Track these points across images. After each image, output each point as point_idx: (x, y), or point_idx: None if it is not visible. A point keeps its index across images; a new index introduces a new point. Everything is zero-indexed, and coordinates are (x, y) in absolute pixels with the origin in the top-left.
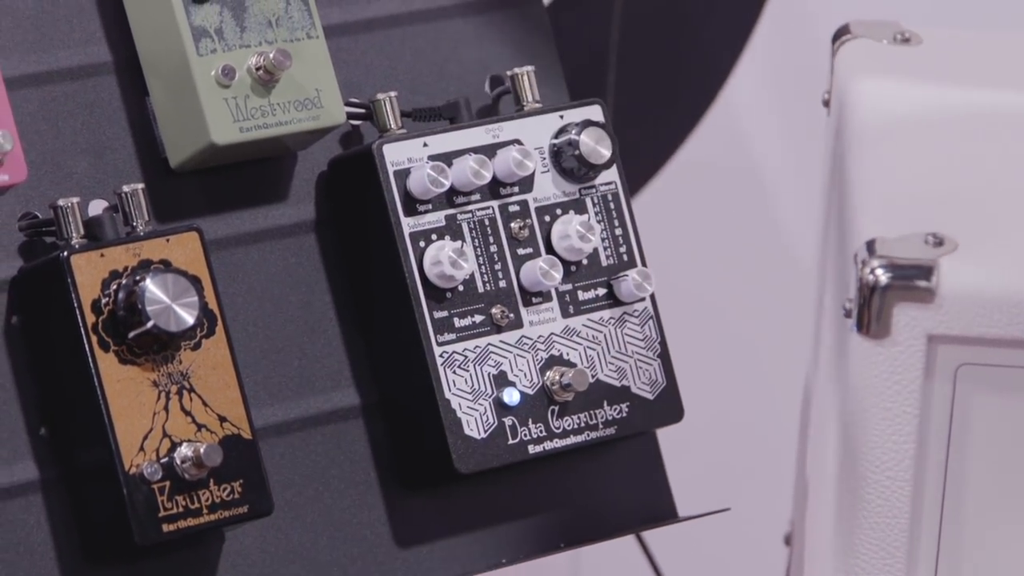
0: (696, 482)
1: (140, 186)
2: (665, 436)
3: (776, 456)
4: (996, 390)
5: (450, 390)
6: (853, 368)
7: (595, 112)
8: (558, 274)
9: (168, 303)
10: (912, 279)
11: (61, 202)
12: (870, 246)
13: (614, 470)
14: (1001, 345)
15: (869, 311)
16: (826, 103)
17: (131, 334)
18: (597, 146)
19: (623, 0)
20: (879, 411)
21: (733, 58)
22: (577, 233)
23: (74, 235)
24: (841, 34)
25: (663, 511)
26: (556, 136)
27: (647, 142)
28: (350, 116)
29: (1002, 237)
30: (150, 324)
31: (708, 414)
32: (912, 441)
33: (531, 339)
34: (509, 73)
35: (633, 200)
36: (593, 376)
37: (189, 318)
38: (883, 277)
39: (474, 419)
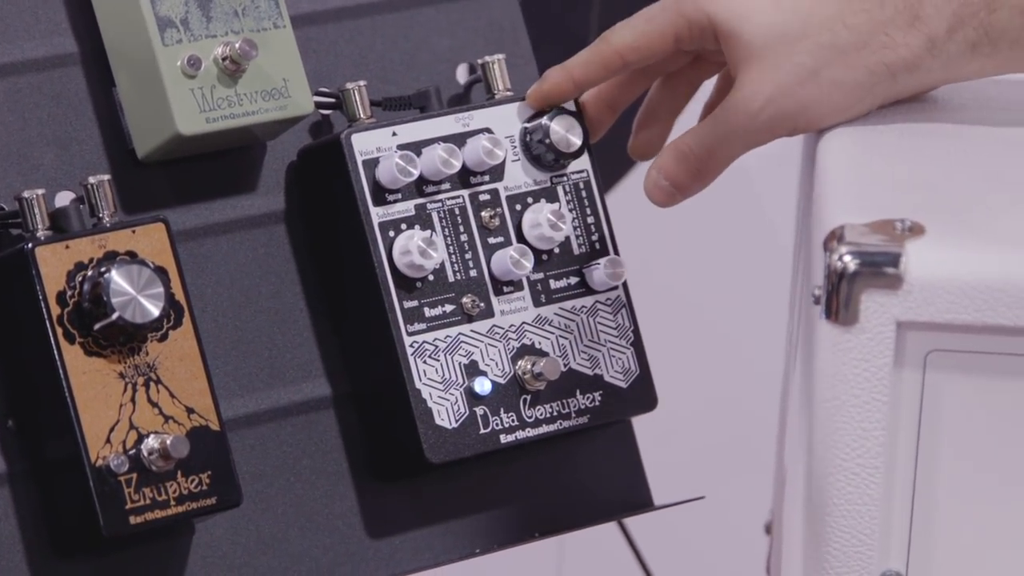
0: (676, 471)
1: (106, 177)
2: (643, 425)
3: (757, 444)
4: (966, 376)
5: (420, 380)
6: (822, 355)
7: None
8: (528, 263)
9: (134, 294)
10: (880, 265)
11: (26, 194)
12: (838, 233)
13: (589, 459)
14: (971, 331)
15: (837, 298)
16: None
17: (97, 326)
18: (568, 134)
19: None
20: (848, 398)
21: None
22: (548, 222)
23: (39, 227)
24: None
25: (639, 499)
26: (527, 124)
27: (626, 129)
28: (320, 106)
29: (971, 222)
30: (115, 316)
31: (689, 402)
32: (882, 428)
33: (502, 328)
34: (480, 61)
35: (613, 188)
36: (565, 365)
37: (155, 310)
38: (851, 264)
39: (445, 409)
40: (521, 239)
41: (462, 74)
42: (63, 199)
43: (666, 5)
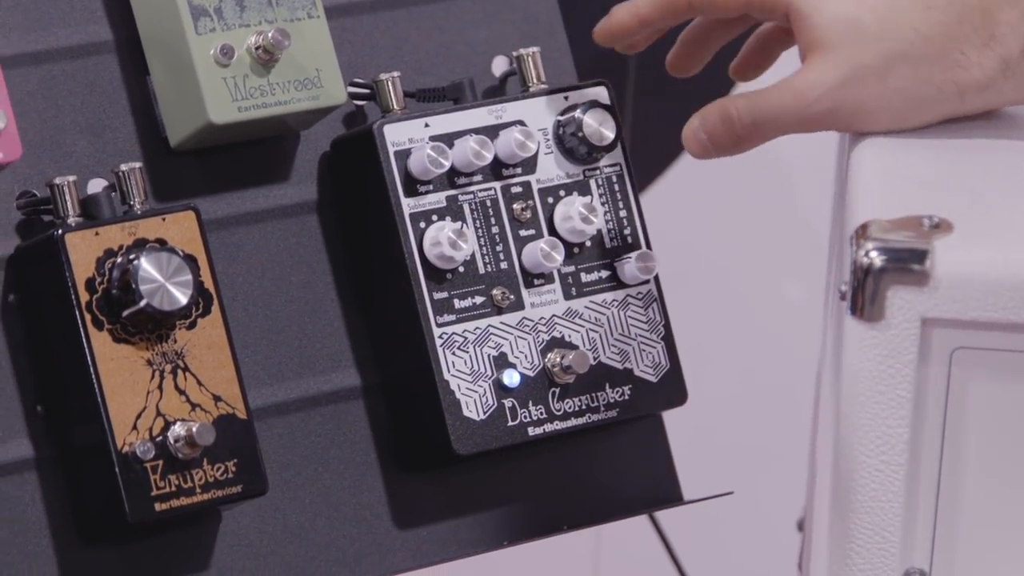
0: (709, 466)
1: (138, 165)
2: (673, 419)
3: (789, 440)
4: (991, 374)
5: (449, 371)
6: (848, 352)
7: (601, 93)
8: (559, 256)
9: (162, 282)
10: (906, 262)
11: (57, 180)
12: (865, 228)
13: (619, 453)
14: (996, 329)
15: (863, 294)
16: None
17: (125, 313)
18: (600, 127)
19: None
20: (873, 395)
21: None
22: (579, 215)
23: (70, 213)
24: None
25: (669, 494)
26: (560, 117)
27: (670, 123)
28: (354, 97)
29: (998, 221)
30: (143, 303)
31: (721, 397)
32: (906, 425)
33: (532, 321)
34: (515, 54)
35: (653, 184)
36: (595, 358)
37: (183, 297)
38: (877, 260)
39: (473, 401)
40: (552, 232)
41: (498, 66)
42: (95, 186)
43: None
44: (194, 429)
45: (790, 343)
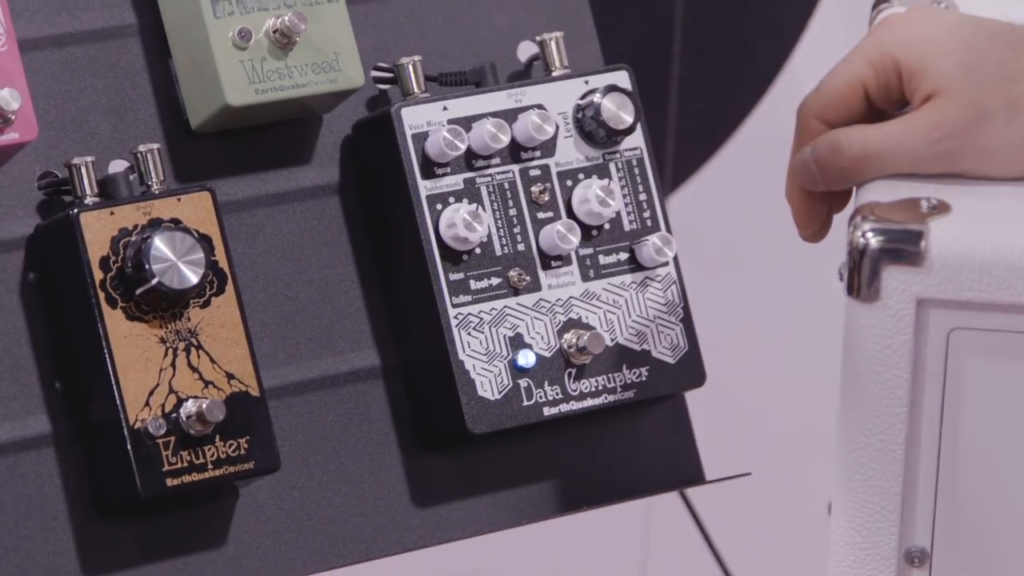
0: (736, 447)
1: (156, 146)
2: (698, 400)
3: (815, 424)
4: (988, 354)
5: (464, 351)
6: (847, 332)
7: (621, 78)
8: (575, 238)
9: (174, 260)
10: (902, 243)
11: (75, 161)
12: (862, 210)
13: (640, 432)
14: (992, 309)
15: (859, 275)
16: None
17: (138, 291)
18: (619, 111)
19: None
20: (871, 375)
21: (799, 28)
22: (597, 197)
23: (88, 194)
24: (881, 1)
25: (690, 474)
26: (580, 101)
27: (712, 115)
28: (378, 80)
29: (995, 202)
30: (155, 281)
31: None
32: (904, 405)
33: (549, 302)
34: (538, 39)
35: (699, 170)
36: (612, 340)
37: (194, 277)
38: (873, 241)
39: (488, 380)
40: (571, 214)
41: (524, 51)
42: (117, 167)
43: (849, 57)
44: (204, 406)
45: (817, 325)
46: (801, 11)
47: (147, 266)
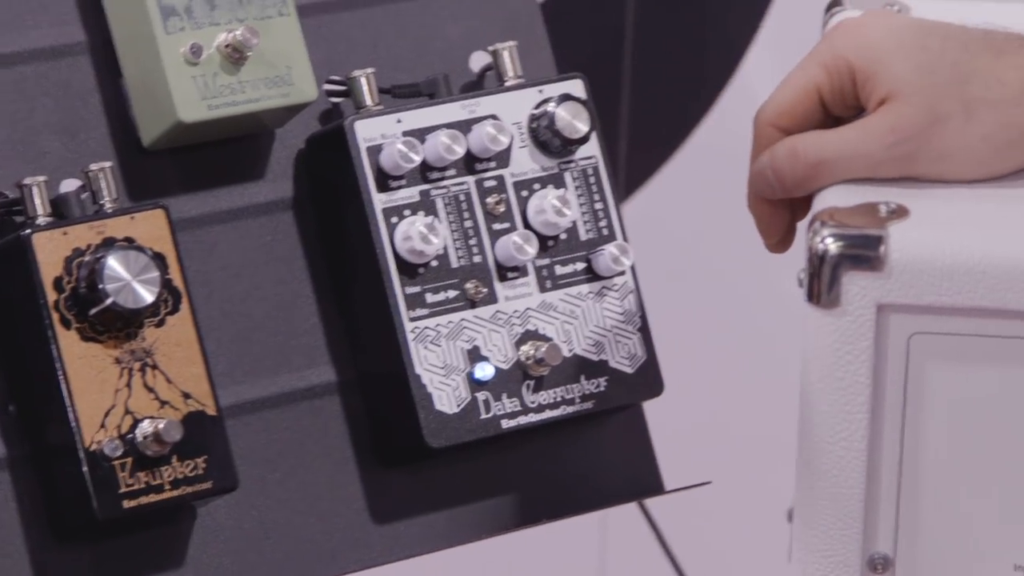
0: (694, 456)
1: (108, 164)
2: (655, 409)
3: (778, 431)
4: (949, 359)
5: (421, 365)
6: (807, 339)
7: (575, 87)
8: (532, 248)
9: (128, 280)
10: (861, 248)
11: (27, 181)
12: (821, 215)
13: (599, 443)
14: (952, 314)
15: (819, 281)
16: None
17: (92, 311)
18: (574, 120)
19: None
20: (832, 381)
21: (749, 36)
22: (553, 207)
23: (40, 213)
24: (833, 6)
25: (649, 485)
26: (534, 110)
27: (664, 122)
28: (330, 94)
29: (955, 205)
30: (109, 301)
31: (703, 388)
32: (866, 411)
33: (506, 314)
34: (491, 48)
35: (649, 180)
36: (570, 350)
37: (149, 296)
38: (833, 246)
39: (446, 394)
40: (527, 225)
41: (477, 62)
42: (69, 187)
43: (803, 63)
44: (161, 426)
45: (775, 332)
46: (751, 17)
47: (101, 286)
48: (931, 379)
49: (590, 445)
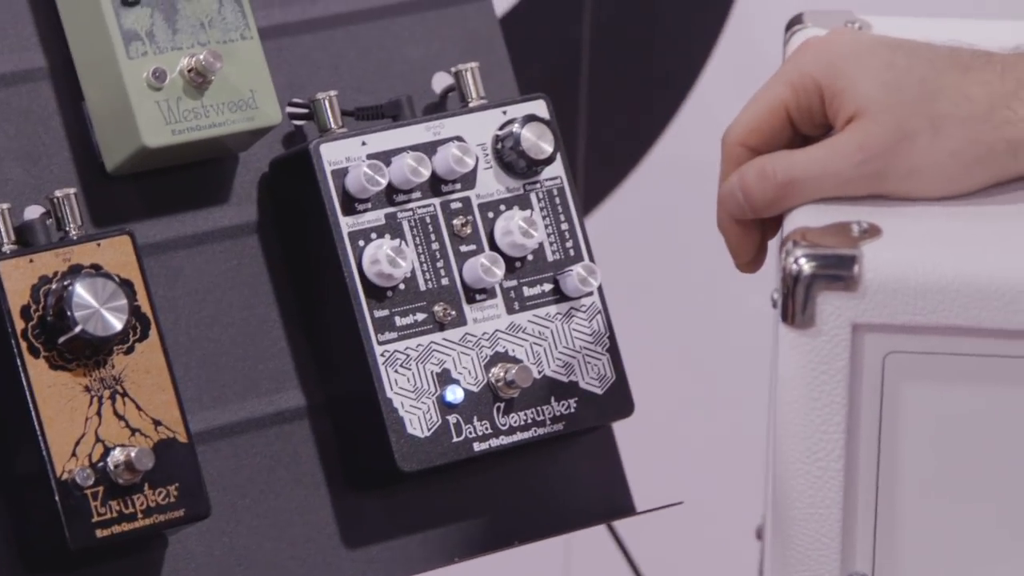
0: (662, 476)
1: (72, 191)
2: (625, 430)
3: (747, 448)
4: (924, 378)
5: (392, 389)
6: (782, 359)
7: (539, 107)
8: (499, 271)
9: (97, 307)
10: (835, 268)
11: None
12: (794, 236)
13: (569, 465)
14: (927, 332)
15: (794, 302)
16: None
17: (60, 339)
18: (539, 141)
19: None
20: (807, 401)
21: (705, 53)
22: (520, 229)
23: (5, 241)
24: (794, 24)
25: (621, 505)
26: (499, 131)
27: (622, 138)
28: (293, 116)
29: (927, 224)
30: (78, 329)
31: (672, 407)
32: (841, 431)
33: (475, 336)
34: (453, 70)
35: (608, 197)
36: (539, 372)
37: (117, 323)
38: (806, 267)
39: (417, 418)
40: (493, 247)
41: (439, 83)
42: (32, 214)
43: (769, 82)
44: (132, 454)
45: (742, 349)
46: (708, 32)
47: (69, 313)
48: (907, 398)
49: (560, 467)
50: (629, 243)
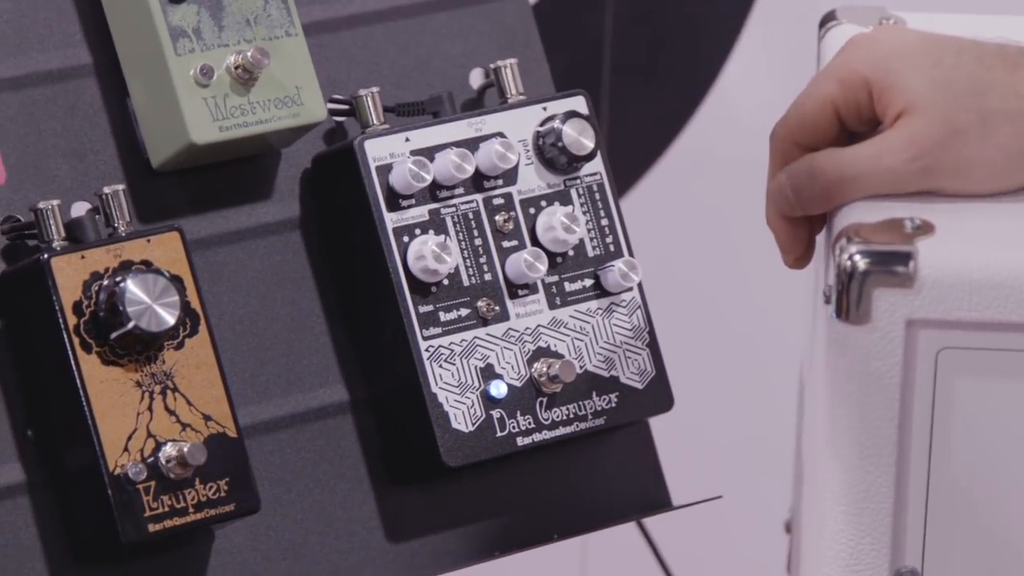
0: (696, 471)
1: (121, 187)
2: (660, 425)
3: (775, 443)
4: (977, 373)
5: (436, 384)
6: (834, 354)
7: (579, 103)
8: (543, 266)
9: (149, 303)
10: (890, 264)
11: (41, 205)
12: (848, 232)
13: (607, 460)
14: (981, 328)
15: (848, 297)
16: None
17: (113, 335)
18: (580, 137)
19: None
20: (861, 397)
21: (728, 46)
22: (562, 224)
23: (55, 237)
24: (827, 20)
25: (657, 500)
26: (539, 128)
27: (643, 132)
28: (333, 113)
29: (980, 221)
30: (131, 325)
31: (708, 402)
32: (894, 426)
33: (518, 331)
34: (492, 66)
35: (630, 191)
36: (581, 367)
37: (170, 318)
38: (861, 263)
39: (461, 412)
40: (535, 242)
41: (476, 79)
42: (79, 210)
43: (817, 78)
44: (185, 449)
45: (774, 345)
46: (729, 28)
47: (122, 309)
48: (959, 393)
49: (597, 462)
50: (650, 237)
